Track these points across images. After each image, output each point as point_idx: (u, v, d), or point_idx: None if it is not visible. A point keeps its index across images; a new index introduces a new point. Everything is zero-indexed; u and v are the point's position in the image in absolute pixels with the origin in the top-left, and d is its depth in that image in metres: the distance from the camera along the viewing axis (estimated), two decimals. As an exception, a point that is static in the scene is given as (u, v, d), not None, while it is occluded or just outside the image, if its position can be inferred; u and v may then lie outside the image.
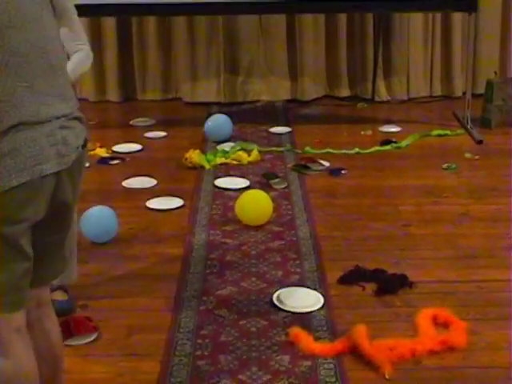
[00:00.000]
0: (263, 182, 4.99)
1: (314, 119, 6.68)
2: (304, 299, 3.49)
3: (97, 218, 4.12)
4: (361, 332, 3.12)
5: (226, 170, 5.29)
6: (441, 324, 3.27)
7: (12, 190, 2.02)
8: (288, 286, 3.64)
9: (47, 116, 2.09)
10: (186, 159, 5.31)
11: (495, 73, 6.46)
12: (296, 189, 4.93)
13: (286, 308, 3.42)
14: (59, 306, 3.04)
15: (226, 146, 5.69)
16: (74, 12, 3.23)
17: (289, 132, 6.17)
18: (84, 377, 2.96)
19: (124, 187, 4.97)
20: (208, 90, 7.09)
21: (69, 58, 3.15)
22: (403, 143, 5.76)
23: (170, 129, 6.27)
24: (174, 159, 5.43)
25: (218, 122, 5.97)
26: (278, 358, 3.05)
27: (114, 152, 5.66)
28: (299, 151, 5.63)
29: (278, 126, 6.31)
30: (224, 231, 4.29)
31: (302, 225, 4.35)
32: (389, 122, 6.40)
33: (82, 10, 5.49)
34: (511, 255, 3.93)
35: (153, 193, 4.86)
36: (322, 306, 3.43)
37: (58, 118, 2.12)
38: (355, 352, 3.05)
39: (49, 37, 2.15)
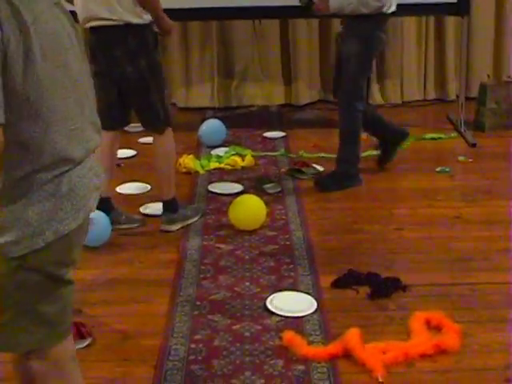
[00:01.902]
0: (257, 186, 5.00)
1: (308, 124, 6.69)
2: (297, 303, 3.49)
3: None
4: (354, 335, 3.12)
5: (220, 175, 5.29)
6: (434, 327, 3.27)
7: (69, 233, 1.98)
8: (281, 290, 3.64)
9: (89, 151, 2.03)
10: (180, 164, 5.32)
11: (488, 76, 6.48)
12: (290, 193, 4.93)
13: (279, 312, 3.42)
14: None
15: (220, 151, 5.70)
16: None
17: (283, 136, 6.18)
18: (77, 382, 2.96)
19: (118, 193, 4.97)
20: (202, 95, 7.10)
21: None
22: (397, 147, 5.77)
23: (165, 134, 6.26)
24: (168, 164, 5.42)
25: (212, 127, 5.98)
26: (272, 362, 3.06)
27: (108, 158, 5.65)
28: (293, 156, 5.64)
29: (272, 130, 6.32)
30: (218, 236, 4.30)
31: (295, 229, 4.35)
32: (383, 125, 6.40)
33: (74, 16, 5.56)
34: (504, 258, 3.94)
35: (147, 198, 4.87)
36: (316, 310, 3.43)
37: (93, 151, 2.07)
38: (349, 356, 3.06)
39: (83, 65, 2.06)
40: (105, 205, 4.30)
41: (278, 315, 3.40)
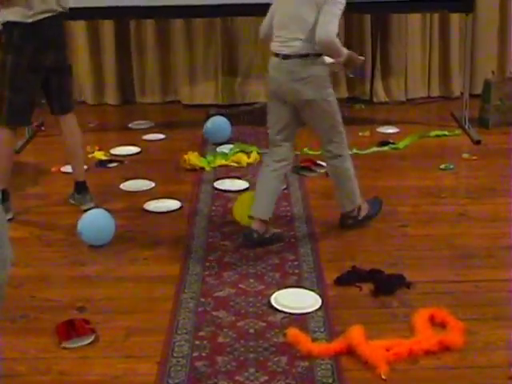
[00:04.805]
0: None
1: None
2: (302, 300, 3.50)
3: (94, 221, 4.13)
4: (358, 332, 3.12)
5: (226, 172, 5.29)
6: (438, 324, 3.27)
7: None
8: (286, 287, 3.64)
9: None
10: (185, 161, 5.32)
11: (493, 73, 6.46)
12: (295, 190, 4.94)
13: (283, 309, 3.42)
14: None
15: (226, 148, 5.69)
16: None
17: (287, 133, 6.15)
18: (81, 379, 2.96)
19: (122, 190, 4.98)
20: (206, 92, 7.10)
21: None
22: (401, 144, 5.77)
23: (169, 131, 6.28)
24: (173, 161, 5.44)
25: (217, 124, 5.98)
26: (276, 359, 3.06)
27: (112, 155, 5.67)
28: (297, 152, 5.62)
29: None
30: (223, 233, 4.30)
31: (300, 226, 4.36)
32: (387, 122, 6.41)
33: (80, 12, 5.58)
34: (509, 255, 3.94)
35: (151, 195, 4.87)
36: (320, 307, 3.44)
37: None
38: (352, 352, 3.06)
39: None
40: None
41: (282, 312, 3.40)
